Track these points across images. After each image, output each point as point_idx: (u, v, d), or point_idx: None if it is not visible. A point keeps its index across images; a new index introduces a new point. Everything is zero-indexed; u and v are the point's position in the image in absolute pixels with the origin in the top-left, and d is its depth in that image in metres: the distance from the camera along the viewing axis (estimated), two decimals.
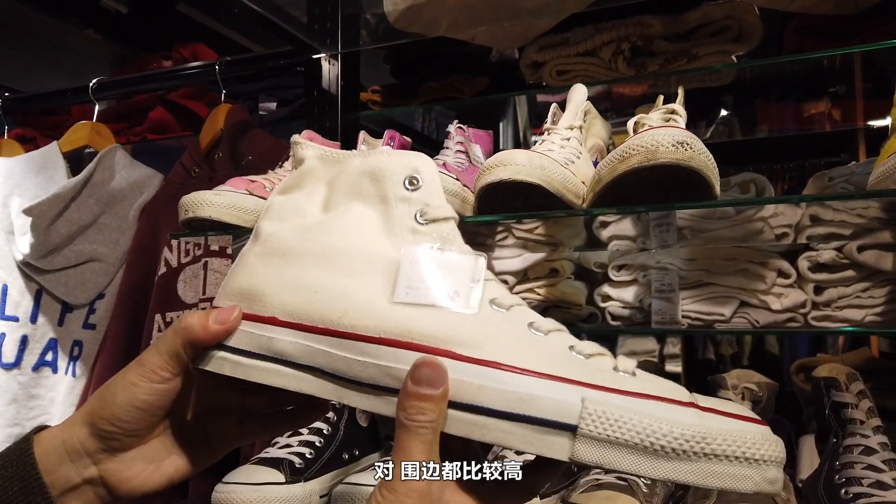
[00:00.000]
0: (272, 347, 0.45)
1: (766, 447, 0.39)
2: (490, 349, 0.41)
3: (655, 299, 1.18)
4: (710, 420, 0.39)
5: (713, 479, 0.38)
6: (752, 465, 0.38)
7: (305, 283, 0.45)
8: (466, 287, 0.44)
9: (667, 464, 0.38)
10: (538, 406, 0.39)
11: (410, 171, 0.47)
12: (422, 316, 0.43)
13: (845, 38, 1.15)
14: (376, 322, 0.43)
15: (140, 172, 1.53)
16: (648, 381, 0.42)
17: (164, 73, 1.64)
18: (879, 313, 1.05)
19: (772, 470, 0.39)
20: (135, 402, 0.47)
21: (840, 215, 1.07)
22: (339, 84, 1.38)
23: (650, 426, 0.38)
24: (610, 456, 0.38)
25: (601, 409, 0.39)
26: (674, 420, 0.39)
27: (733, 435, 0.39)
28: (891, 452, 0.84)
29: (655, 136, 0.73)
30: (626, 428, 0.38)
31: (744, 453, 0.38)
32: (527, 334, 0.43)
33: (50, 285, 1.43)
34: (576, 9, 1.17)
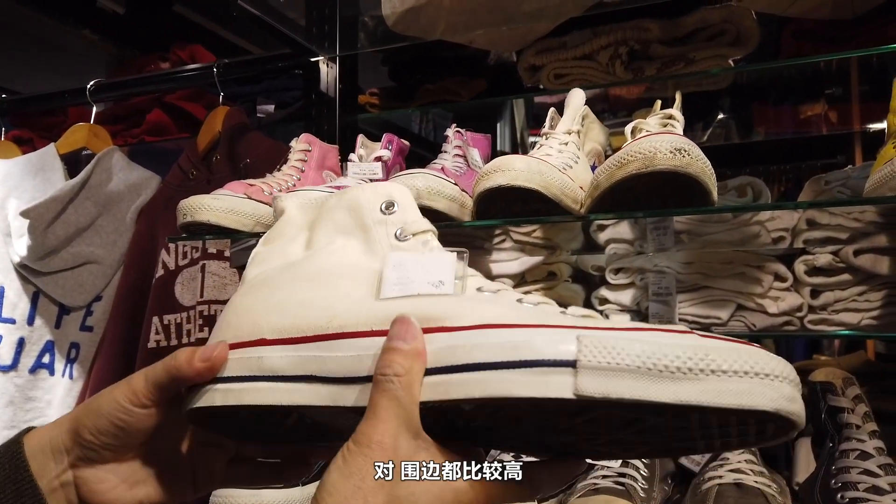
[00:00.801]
0: (263, 366, 0.44)
1: (774, 364, 0.37)
2: (479, 316, 0.41)
3: (652, 302, 1.18)
4: (711, 341, 0.38)
5: (726, 398, 0.36)
6: (763, 381, 0.36)
7: (292, 302, 0.46)
8: (450, 276, 0.44)
9: (674, 385, 0.36)
10: (535, 348, 0.38)
11: (386, 198, 0.49)
12: (409, 303, 0.43)
13: (842, 41, 1.15)
14: (365, 318, 0.43)
15: (137, 175, 1.52)
16: (644, 324, 0.41)
17: (162, 75, 1.64)
18: (875, 317, 1.06)
19: (786, 386, 0.37)
20: (114, 419, 0.47)
21: (836, 219, 1.08)
22: (337, 87, 1.38)
23: (650, 349, 0.37)
24: (614, 385, 0.36)
25: (598, 342, 0.37)
26: (673, 342, 0.37)
27: (737, 351, 0.37)
28: (886, 457, 0.84)
29: (653, 142, 0.73)
30: (625, 354, 0.37)
31: (752, 367, 0.36)
32: (515, 305, 0.43)
33: (47, 287, 1.43)
34: (574, 13, 1.17)
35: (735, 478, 0.87)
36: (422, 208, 0.89)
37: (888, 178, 0.72)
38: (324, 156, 1.19)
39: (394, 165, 1.14)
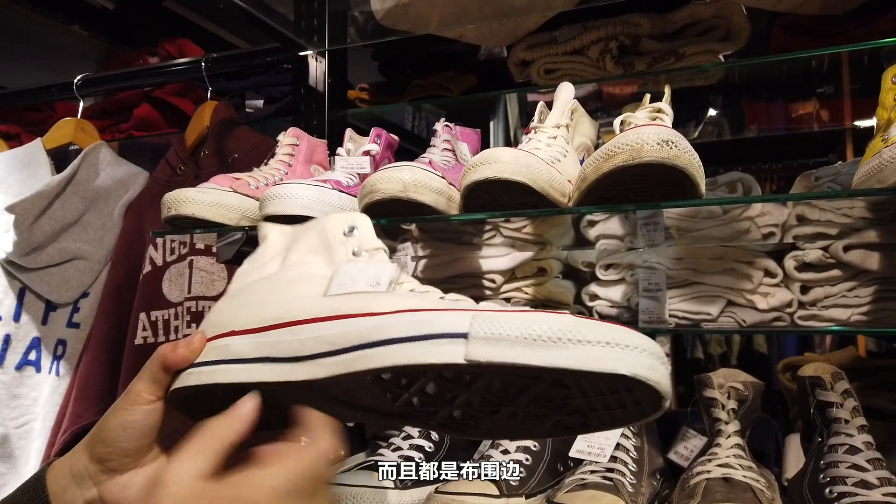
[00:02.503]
0: (229, 352, 0.51)
1: (636, 338, 0.43)
2: (402, 304, 0.48)
3: (643, 298, 1.17)
4: (584, 320, 0.44)
5: (589, 362, 0.42)
6: (624, 350, 0.42)
7: (260, 303, 0.54)
8: (386, 279, 0.52)
9: (547, 351, 0.42)
10: (437, 324, 0.45)
11: (349, 223, 0.58)
12: (348, 299, 0.51)
13: (832, 37, 1.15)
14: (313, 311, 0.50)
15: (125, 170, 1.51)
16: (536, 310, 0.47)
17: (150, 69, 1.63)
18: (865, 312, 1.05)
19: (644, 356, 0.42)
20: (125, 425, 0.52)
21: (826, 215, 1.07)
22: (326, 81, 1.37)
23: (531, 324, 0.43)
24: (497, 350, 0.43)
25: (487, 318, 0.44)
26: (550, 319, 0.44)
27: (604, 328, 0.43)
28: (875, 452, 0.84)
29: (640, 134, 0.73)
30: (508, 326, 0.43)
31: (613, 339, 0.42)
32: (435, 300, 0.50)
33: (33, 284, 1.42)
34: (564, 7, 1.17)
35: (723, 472, 0.87)
36: (408, 201, 0.90)
37: (876, 170, 0.71)
38: (312, 150, 1.18)
39: (382, 160, 1.13)
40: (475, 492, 0.88)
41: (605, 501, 0.85)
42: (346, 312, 0.49)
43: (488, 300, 1.27)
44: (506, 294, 1.27)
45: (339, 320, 0.49)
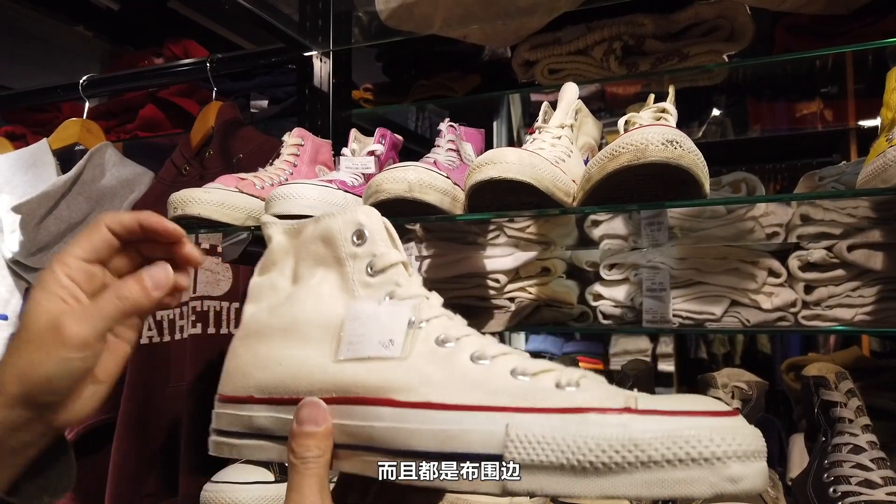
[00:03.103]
0: (253, 425, 0.48)
1: (718, 441, 0.35)
2: (424, 390, 0.42)
3: (646, 298, 1.18)
4: (646, 423, 0.37)
5: (658, 489, 0.35)
6: (702, 466, 0.35)
7: (273, 359, 0.48)
8: (400, 336, 0.45)
9: (600, 480, 0.36)
10: (466, 441, 0.39)
11: (355, 226, 0.49)
12: (359, 370, 0.44)
13: (836, 37, 1.15)
14: (322, 384, 0.45)
15: (130, 170, 1.52)
16: (587, 392, 0.40)
17: (155, 70, 1.64)
18: (869, 312, 1.05)
19: (733, 466, 0.35)
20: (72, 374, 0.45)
21: (830, 214, 1.08)
22: (330, 82, 1.37)
23: (574, 443, 0.37)
24: (540, 481, 0.37)
25: (524, 433, 0.38)
26: (599, 432, 0.37)
27: (671, 435, 0.36)
28: (879, 451, 0.84)
29: (645, 134, 0.73)
30: (549, 449, 0.37)
31: (688, 454, 0.35)
32: (464, 367, 0.43)
33: None
34: (567, 7, 1.17)
35: None
36: (413, 201, 0.90)
37: (881, 169, 0.72)
38: (316, 150, 1.19)
39: (387, 160, 1.14)
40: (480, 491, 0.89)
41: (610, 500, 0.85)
42: (360, 394, 0.44)
43: (493, 299, 1.27)
44: (510, 294, 1.27)
45: (355, 406, 0.44)
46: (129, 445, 1.25)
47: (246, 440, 0.48)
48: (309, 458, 0.43)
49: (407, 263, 0.50)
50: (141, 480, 1.25)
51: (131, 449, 1.25)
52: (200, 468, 1.18)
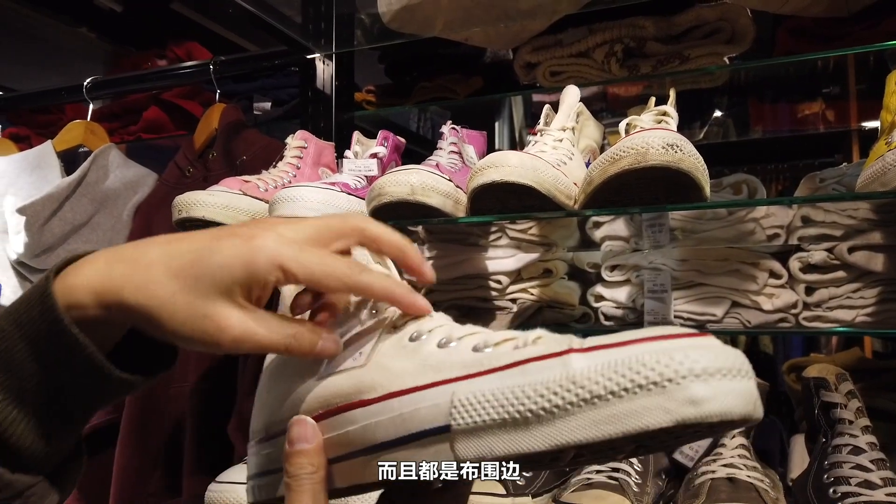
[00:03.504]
0: (271, 460, 0.47)
1: (666, 361, 0.31)
2: (387, 384, 0.41)
3: (648, 299, 1.18)
4: (587, 359, 0.33)
5: (608, 427, 0.31)
6: (651, 392, 0.31)
7: (286, 391, 0.47)
8: (368, 348, 0.44)
9: (545, 429, 0.33)
10: (417, 420, 0.38)
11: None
12: (336, 381, 0.43)
13: (837, 39, 1.15)
14: (310, 403, 0.44)
15: (134, 172, 1.53)
16: (539, 345, 0.37)
17: (159, 72, 1.64)
18: (870, 314, 1.06)
19: (692, 386, 0.30)
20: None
21: (831, 216, 1.08)
22: (333, 84, 1.38)
23: (513, 394, 0.34)
24: (489, 444, 0.35)
25: (466, 397, 0.36)
26: (537, 378, 0.34)
27: (612, 365, 0.32)
28: (878, 452, 0.85)
29: (646, 138, 0.73)
30: (490, 407, 0.35)
31: (633, 381, 0.31)
32: (428, 353, 0.41)
33: None
34: (569, 10, 1.17)
35: (728, 472, 0.88)
36: (415, 204, 0.91)
37: (879, 173, 0.72)
38: (320, 153, 1.19)
39: (389, 162, 1.14)
40: (482, 491, 0.89)
41: (611, 501, 0.86)
42: (338, 404, 0.43)
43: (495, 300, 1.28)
44: (512, 295, 1.28)
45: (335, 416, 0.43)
46: (133, 446, 1.25)
47: (276, 475, 0.46)
48: (302, 476, 0.42)
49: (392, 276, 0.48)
50: (144, 481, 1.26)
51: (135, 449, 1.26)
52: (204, 468, 1.19)
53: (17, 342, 0.40)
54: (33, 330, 0.40)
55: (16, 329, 0.40)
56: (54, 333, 0.39)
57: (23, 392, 0.40)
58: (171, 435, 1.28)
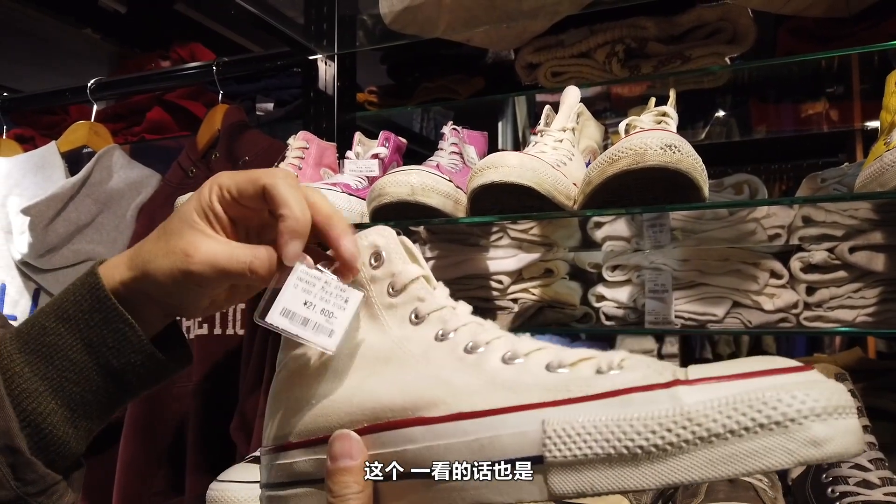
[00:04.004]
0: (294, 471, 0.45)
1: (788, 401, 0.30)
2: (453, 402, 0.39)
3: (649, 299, 1.18)
4: (699, 393, 0.32)
5: (726, 467, 0.31)
6: (773, 432, 0.30)
7: (305, 400, 0.46)
8: (342, 325, 0.43)
9: (656, 467, 0.32)
10: (500, 447, 0.35)
11: (371, 249, 0.47)
12: (386, 393, 0.42)
13: (838, 39, 1.15)
14: (351, 415, 0.43)
15: (138, 172, 1.53)
16: (630, 372, 0.36)
17: (162, 73, 1.65)
18: (871, 314, 1.06)
19: (814, 427, 0.30)
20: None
21: (832, 216, 1.08)
22: (335, 85, 1.39)
23: (619, 428, 0.33)
24: (589, 478, 0.33)
25: (562, 427, 0.34)
26: (646, 412, 0.32)
27: (730, 402, 0.31)
28: (877, 452, 0.85)
29: (644, 139, 0.74)
30: (592, 440, 0.33)
31: (754, 420, 0.30)
32: (495, 370, 0.40)
33: (48, 285, 1.44)
34: (570, 11, 1.18)
35: None
36: (416, 204, 0.91)
37: (878, 173, 0.72)
38: (321, 153, 1.20)
39: (391, 163, 1.15)
40: None
41: (611, 500, 0.86)
42: (388, 419, 0.41)
43: (496, 300, 1.28)
44: (513, 295, 1.28)
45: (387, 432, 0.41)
46: (137, 445, 1.26)
47: (291, 489, 0.45)
48: (348, 496, 0.40)
49: (429, 276, 0.47)
50: (148, 480, 1.27)
51: (138, 448, 1.26)
52: (207, 467, 1.20)
53: (63, 335, 0.44)
54: (83, 320, 0.44)
55: (62, 323, 0.44)
56: (102, 316, 0.44)
57: (65, 384, 0.44)
58: (174, 434, 1.28)
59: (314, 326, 0.43)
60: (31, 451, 0.42)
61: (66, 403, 0.44)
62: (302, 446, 0.45)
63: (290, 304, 0.43)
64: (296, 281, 0.43)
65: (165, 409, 1.29)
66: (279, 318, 0.42)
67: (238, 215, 0.47)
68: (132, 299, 0.45)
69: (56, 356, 0.44)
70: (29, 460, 0.42)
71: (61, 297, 0.46)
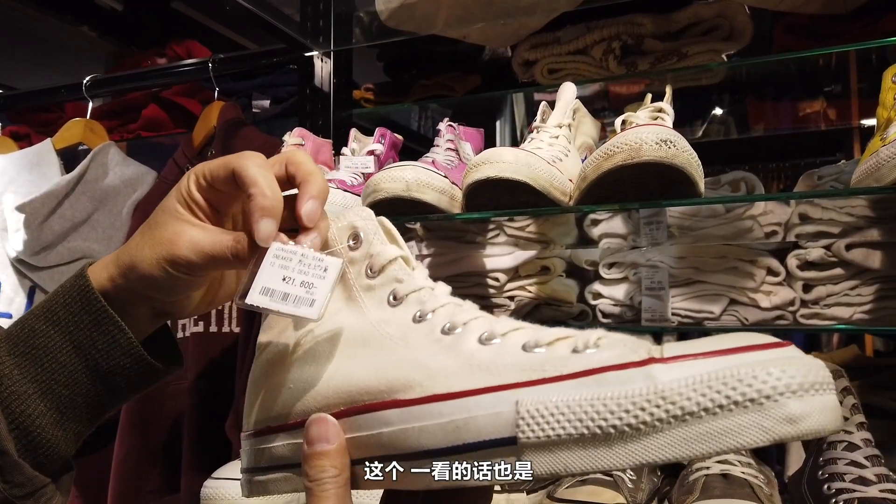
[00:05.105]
0: (274, 455, 0.45)
1: (764, 377, 0.30)
2: (428, 383, 0.38)
3: (646, 297, 1.18)
4: (674, 370, 0.32)
5: (701, 445, 0.30)
6: (748, 409, 0.30)
7: (282, 384, 0.45)
8: (323, 293, 0.43)
9: (630, 446, 0.32)
10: (475, 428, 0.35)
11: (350, 229, 0.47)
12: (362, 375, 0.41)
13: (834, 37, 1.15)
14: (327, 398, 0.42)
15: (133, 170, 1.53)
16: (605, 350, 0.35)
17: (158, 70, 1.65)
18: (867, 311, 1.06)
19: (789, 403, 0.29)
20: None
21: (829, 213, 1.08)
22: (331, 82, 1.38)
23: (592, 407, 0.32)
24: (562, 459, 0.33)
25: (535, 408, 0.34)
26: (620, 391, 0.32)
27: (705, 379, 0.31)
28: (873, 449, 0.85)
29: (639, 133, 0.73)
30: (566, 420, 0.33)
31: (728, 397, 0.30)
32: (472, 351, 0.39)
33: (43, 282, 1.44)
34: (567, 7, 1.17)
35: (722, 469, 0.88)
36: (411, 200, 0.91)
37: (874, 168, 0.72)
38: (317, 150, 1.20)
39: (386, 159, 1.14)
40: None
41: (606, 497, 0.86)
42: (365, 401, 0.41)
43: (493, 298, 1.28)
44: (509, 292, 1.28)
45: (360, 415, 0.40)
46: (131, 443, 1.26)
47: (270, 474, 0.45)
48: (325, 479, 0.40)
49: (408, 257, 0.46)
50: (143, 477, 1.27)
51: (133, 446, 1.26)
52: (202, 465, 1.19)
53: (52, 338, 0.44)
54: (72, 322, 0.44)
55: (51, 325, 0.44)
56: (92, 318, 0.44)
57: (54, 386, 0.44)
58: (169, 432, 1.28)
59: (295, 300, 0.42)
60: (19, 454, 0.42)
61: (54, 406, 0.44)
62: (280, 430, 0.45)
63: (268, 282, 0.42)
64: (272, 259, 0.42)
65: (160, 407, 1.29)
66: (258, 298, 0.41)
67: (216, 201, 0.46)
68: (121, 299, 0.45)
69: (45, 359, 0.44)
70: (16, 462, 0.42)
71: (51, 298, 0.45)
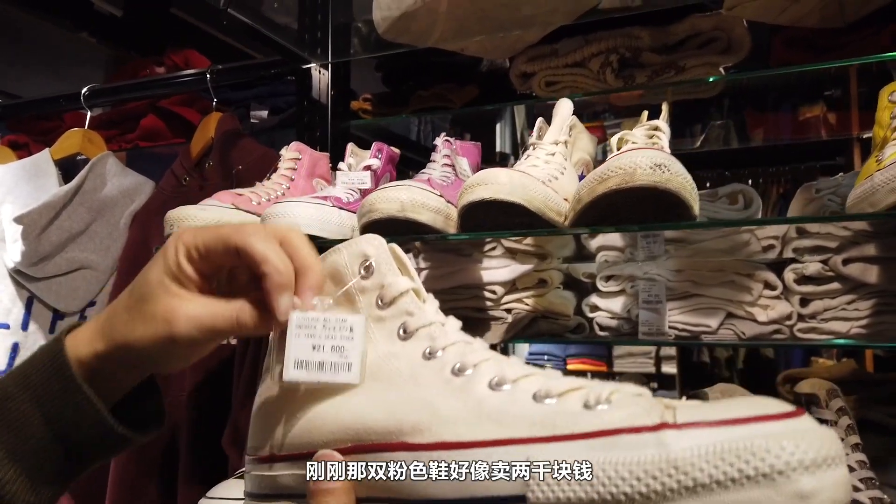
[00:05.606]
0: (277, 485, 0.45)
1: (777, 452, 0.30)
2: (438, 429, 0.38)
3: (643, 310, 1.18)
4: (686, 439, 0.32)
5: None
6: (760, 484, 0.30)
7: (291, 413, 0.45)
8: (357, 355, 0.43)
9: None
10: (484, 483, 0.36)
11: (361, 258, 0.46)
12: (371, 413, 0.41)
13: (833, 50, 1.15)
14: (335, 434, 0.42)
15: (131, 180, 1.53)
16: (617, 409, 0.35)
17: (156, 80, 1.65)
18: (864, 326, 1.06)
19: (801, 479, 0.30)
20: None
21: (826, 228, 1.08)
22: (329, 93, 1.38)
23: (604, 473, 0.33)
24: None
25: (548, 468, 0.34)
26: (632, 457, 0.32)
27: (717, 450, 0.31)
28: (868, 471, 0.84)
29: (633, 158, 0.73)
30: (576, 483, 0.33)
31: (741, 471, 0.30)
32: (482, 397, 0.39)
33: (41, 293, 1.44)
34: (564, 21, 1.17)
35: None
36: (406, 221, 0.90)
37: (868, 193, 0.72)
38: (314, 164, 1.19)
39: (383, 174, 1.14)
40: None
41: None
42: (372, 441, 0.40)
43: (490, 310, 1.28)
44: (507, 305, 1.27)
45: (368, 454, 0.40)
46: (128, 456, 1.26)
47: (274, 502, 0.45)
48: None
49: (419, 289, 0.46)
50: (140, 490, 1.27)
51: (130, 458, 1.26)
52: (199, 478, 1.20)
53: (24, 403, 0.43)
54: (43, 389, 0.43)
55: (24, 391, 0.43)
56: (61, 388, 0.43)
57: (24, 452, 0.43)
58: (166, 445, 1.28)
59: (332, 367, 0.43)
60: None
61: (24, 472, 0.43)
62: (286, 460, 0.45)
63: (299, 355, 0.42)
64: (296, 330, 0.43)
65: None
66: (295, 373, 0.42)
67: (207, 270, 0.45)
68: (106, 369, 0.45)
69: (15, 424, 0.43)
70: None
71: (30, 360, 0.45)
